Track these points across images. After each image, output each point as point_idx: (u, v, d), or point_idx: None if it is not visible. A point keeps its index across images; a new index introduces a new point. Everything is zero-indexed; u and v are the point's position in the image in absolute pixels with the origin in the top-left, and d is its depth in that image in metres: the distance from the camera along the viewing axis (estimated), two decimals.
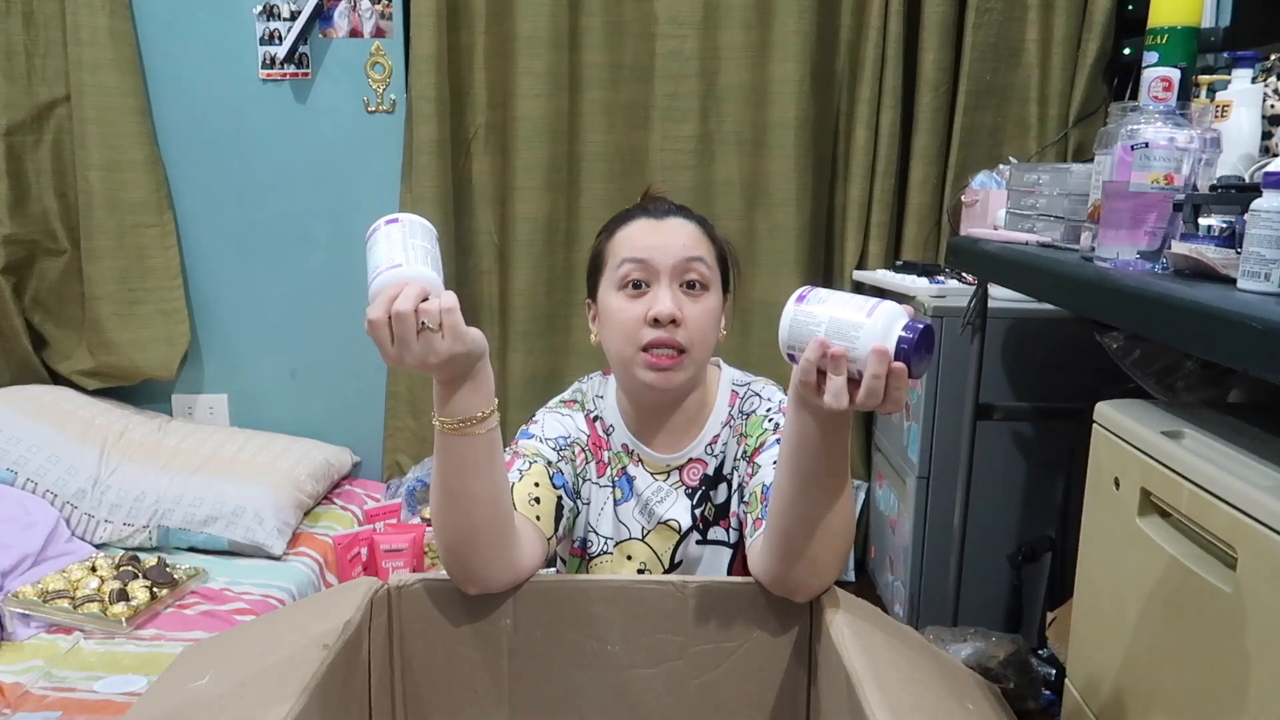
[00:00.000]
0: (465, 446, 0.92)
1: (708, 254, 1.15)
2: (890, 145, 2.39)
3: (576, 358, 2.52)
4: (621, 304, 1.13)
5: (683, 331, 1.11)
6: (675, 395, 1.17)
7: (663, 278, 1.12)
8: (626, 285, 1.13)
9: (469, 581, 0.99)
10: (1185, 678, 0.94)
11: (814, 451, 0.90)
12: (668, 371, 1.12)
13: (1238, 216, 1.11)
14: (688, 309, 1.12)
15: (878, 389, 0.80)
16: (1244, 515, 0.85)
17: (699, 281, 1.13)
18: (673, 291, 1.12)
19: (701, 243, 1.15)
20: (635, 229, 1.16)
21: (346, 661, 0.92)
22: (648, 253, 1.12)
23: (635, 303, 1.12)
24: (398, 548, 2.07)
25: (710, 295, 1.15)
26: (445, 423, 0.91)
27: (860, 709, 0.80)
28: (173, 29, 2.41)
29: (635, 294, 1.13)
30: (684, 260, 1.12)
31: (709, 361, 1.20)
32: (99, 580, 1.81)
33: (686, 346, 1.12)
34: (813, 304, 0.85)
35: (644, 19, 2.39)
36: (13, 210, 2.36)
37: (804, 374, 0.84)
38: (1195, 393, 1.33)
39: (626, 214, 1.19)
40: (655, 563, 1.21)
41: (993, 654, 1.55)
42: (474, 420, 0.91)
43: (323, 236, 2.53)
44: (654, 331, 1.11)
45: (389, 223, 0.89)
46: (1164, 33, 1.34)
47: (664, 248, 1.12)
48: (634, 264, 1.12)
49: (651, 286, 1.12)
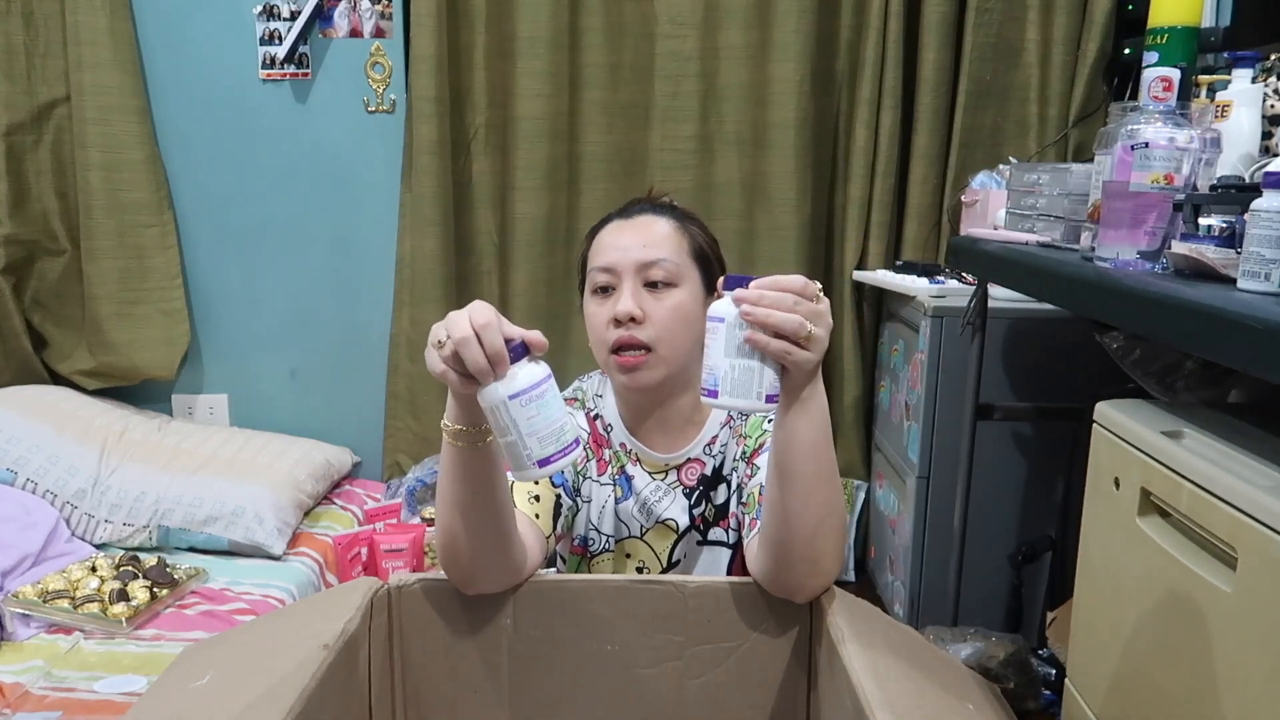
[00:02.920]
0: (472, 453, 0.92)
1: (675, 251, 1.15)
2: (890, 145, 2.40)
3: (576, 358, 2.52)
4: (592, 308, 1.16)
5: (646, 329, 1.12)
6: (658, 394, 1.17)
7: (625, 279, 1.13)
8: (596, 290, 1.16)
9: (467, 583, 0.99)
10: (1185, 678, 0.94)
11: (800, 455, 0.91)
12: (636, 371, 1.13)
13: (1238, 216, 1.11)
14: (649, 306, 1.13)
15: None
16: (1244, 515, 0.85)
17: (662, 280, 1.13)
18: (634, 290, 1.13)
19: (670, 239, 1.15)
20: (606, 233, 1.18)
21: (346, 661, 0.92)
22: (611, 256, 1.14)
23: (602, 306, 1.15)
24: (398, 548, 2.07)
25: (678, 291, 1.14)
26: (454, 429, 0.91)
27: (860, 709, 0.80)
28: (173, 29, 2.41)
29: (603, 298, 1.15)
30: (645, 260, 1.13)
31: (692, 359, 1.19)
32: (99, 580, 1.82)
33: (652, 344, 1.12)
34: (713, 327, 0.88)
35: (644, 19, 2.39)
36: (13, 210, 2.36)
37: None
38: (1195, 393, 1.32)
39: (606, 218, 1.22)
40: (654, 561, 1.22)
41: (993, 654, 1.55)
42: (484, 430, 0.91)
43: (323, 236, 2.53)
44: (617, 331, 1.12)
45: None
46: (1164, 33, 1.34)
47: (626, 249, 1.14)
48: (599, 270, 1.15)
49: (617, 289, 1.14)
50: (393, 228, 2.49)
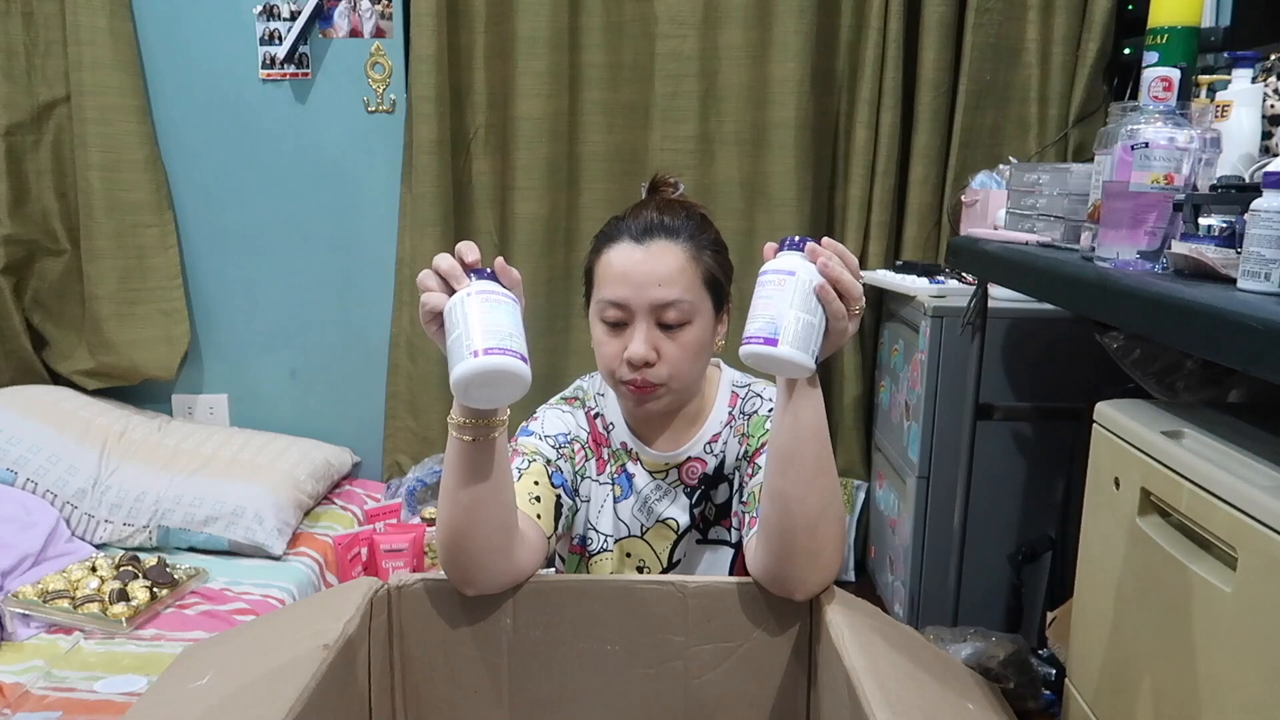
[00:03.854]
0: (476, 451, 0.92)
1: (688, 288, 1.11)
2: (890, 145, 2.39)
3: (576, 358, 2.52)
4: (602, 336, 1.14)
5: (659, 369, 1.11)
6: (663, 415, 1.19)
7: (639, 317, 1.11)
8: (607, 321, 1.13)
9: (467, 583, 0.99)
10: (1185, 678, 0.94)
11: (803, 440, 0.93)
12: (647, 403, 1.14)
13: (1238, 216, 1.11)
14: (664, 347, 1.11)
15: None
16: (1244, 515, 0.85)
17: (677, 321, 1.11)
18: (648, 330, 1.10)
19: (684, 274, 1.11)
20: (618, 255, 1.12)
21: (346, 661, 0.92)
22: (624, 291, 1.10)
23: (614, 339, 1.13)
24: (398, 548, 2.07)
25: (691, 328, 1.12)
26: (458, 424, 0.91)
27: (860, 709, 0.80)
28: (173, 29, 2.41)
29: (614, 331, 1.13)
30: (660, 302, 1.10)
31: (700, 377, 1.20)
32: (99, 580, 1.81)
33: (664, 382, 1.12)
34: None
35: (644, 19, 2.39)
36: (13, 210, 2.36)
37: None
38: (1195, 393, 1.32)
39: (616, 228, 1.15)
40: (654, 561, 1.22)
41: (993, 654, 1.55)
42: (487, 425, 0.92)
43: (323, 236, 2.53)
44: (631, 373, 1.11)
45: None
46: (1164, 33, 1.34)
47: (641, 285, 1.10)
48: (609, 304, 1.12)
49: (630, 324, 1.12)
50: (393, 228, 2.49)
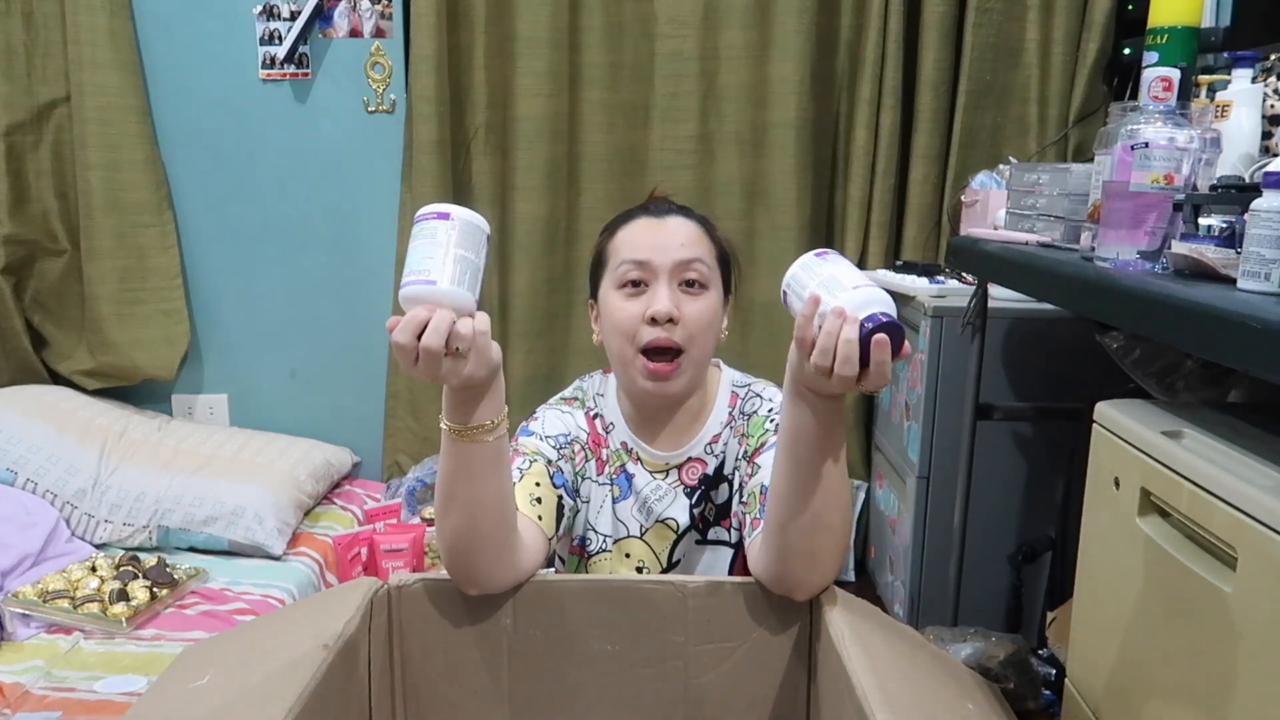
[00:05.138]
0: (473, 452, 0.92)
1: (707, 254, 1.16)
2: (890, 145, 2.40)
3: (576, 358, 2.52)
4: (620, 303, 1.14)
5: (681, 330, 1.12)
6: (675, 399, 1.18)
7: (661, 277, 1.12)
8: (626, 284, 1.14)
9: (470, 583, 0.99)
10: (1185, 678, 0.94)
11: (810, 442, 0.91)
12: (666, 381, 1.13)
13: (1238, 216, 1.11)
14: (686, 307, 1.12)
15: (849, 355, 0.82)
16: (1244, 515, 0.85)
17: (698, 280, 1.14)
18: (671, 290, 1.12)
19: (701, 242, 1.16)
20: (636, 228, 1.17)
21: (346, 661, 0.92)
22: (647, 252, 1.13)
23: (634, 301, 1.13)
24: (398, 548, 2.07)
25: (709, 294, 1.15)
26: (454, 428, 0.91)
27: (860, 709, 0.80)
28: (173, 29, 2.41)
29: (634, 293, 1.14)
30: (683, 260, 1.13)
31: (709, 362, 1.21)
32: (99, 580, 1.81)
33: (685, 345, 1.12)
34: (824, 261, 0.89)
35: (644, 19, 2.39)
36: (13, 210, 2.36)
37: (800, 330, 0.86)
38: (1195, 393, 1.32)
39: (628, 214, 1.20)
40: (653, 561, 1.22)
41: (993, 654, 1.55)
42: (484, 428, 0.91)
43: (323, 236, 2.53)
44: (652, 330, 1.11)
45: (438, 217, 0.85)
46: (1164, 33, 1.34)
47: (663, 247, 1.13)
48: (633, 264, 1.13)
49: (650, 285, 1.13)
50: (393, 228, 2.49)
